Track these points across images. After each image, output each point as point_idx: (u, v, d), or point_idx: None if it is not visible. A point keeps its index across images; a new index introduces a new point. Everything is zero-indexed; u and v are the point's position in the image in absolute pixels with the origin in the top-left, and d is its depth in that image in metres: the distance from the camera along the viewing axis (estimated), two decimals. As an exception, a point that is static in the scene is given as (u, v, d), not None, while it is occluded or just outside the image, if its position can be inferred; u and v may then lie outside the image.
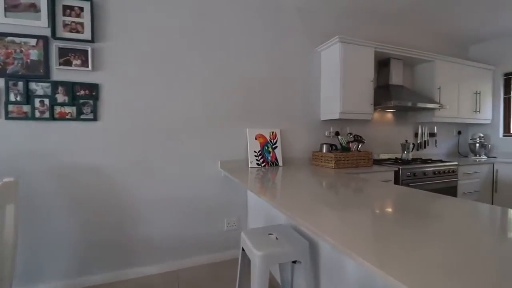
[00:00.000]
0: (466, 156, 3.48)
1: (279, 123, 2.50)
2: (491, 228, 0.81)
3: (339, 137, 2.55)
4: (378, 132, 3.03)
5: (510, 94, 3.40)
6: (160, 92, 2.08)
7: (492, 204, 2.99)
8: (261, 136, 2.39)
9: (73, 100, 1.83)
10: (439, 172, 2.58)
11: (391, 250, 0.64)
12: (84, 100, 1.86)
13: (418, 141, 3.28)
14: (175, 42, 2.12)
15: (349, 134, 2.62)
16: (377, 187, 1.44)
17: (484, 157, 3.28)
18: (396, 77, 2.86)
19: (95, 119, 1.90)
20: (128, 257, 2.01)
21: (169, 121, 2.11)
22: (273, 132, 2.43)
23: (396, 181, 2.37)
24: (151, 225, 2.07)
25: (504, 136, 3.42)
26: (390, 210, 1.00)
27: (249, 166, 2.30)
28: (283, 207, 1.04)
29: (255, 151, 2.34)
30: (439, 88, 2.96)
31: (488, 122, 3.45)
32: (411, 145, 2.81)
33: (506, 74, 3.39)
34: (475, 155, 3.40)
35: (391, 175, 2.36)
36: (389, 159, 2.89)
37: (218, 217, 2.28)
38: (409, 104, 2.56)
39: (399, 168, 2.37)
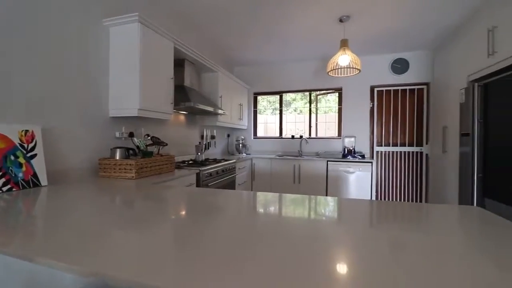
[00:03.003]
0: (233, 154, 4.32)
1: (40, 117, 1.57)
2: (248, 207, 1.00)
3: (135, 139, 2.09)
4: (174, 133, 2.90)
5: (257, 108, 4.69)
6: None
7: (252, 189, 3.94)
8: (1, 138, 1.35)
9: None
10: (226, 170, 2.93)
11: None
12: None
13: (204, 142, 3.57)
14: None
15: (146, 136, 2.23)
16: (184, 194, 1.29)
17: (244, 155, 4.25)
18: (190, 79, 2.89)
19: None
20: None
21: None
22: (27, 131, 1.47)
23: (198, 183, 2.35)
24: None
25: (254, 138, 4.65)
26: (204, 217, 0.86)
27: (-30, 194, 1.20)
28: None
29: (-16, 165, 1.26)
30: (221, 97, 3.39)
31: (245, 127, 4.52)
32: (203, 147, 2.97)
33: (255, 93, 4.64)
34: (239, 153, 4.31)
35: (193, 178, 2.30)
36: (185, 162, 2.84)
37: None
38: (209, 108, 2.66)
39: (200, 170, 2.37)
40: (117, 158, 1.88)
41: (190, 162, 2.81)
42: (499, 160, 2.13)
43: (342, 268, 0.58)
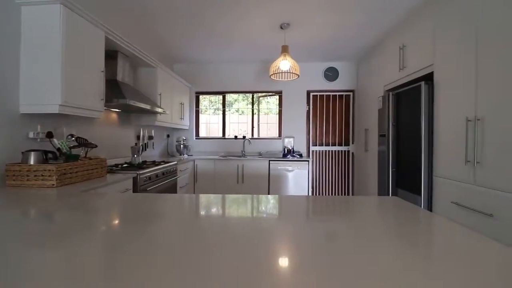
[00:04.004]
0: (174, 156, 4.10)
1: None
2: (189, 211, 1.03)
3: (55, 140, 1.78)
4: (104, 134, 2.58)
5: (199, 107, 4.55)
6: None
7: (194, 192, 3.81)
8: None
9: None
10: (166, 173, 2.76)
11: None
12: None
13: (140, 143, 3.28)
14: None
15: (70, 136, 1.93)
16: (118, 201, 1.19)
17: (186, 156, 4.08)
18: (124, 74, 2.62)
19: None
20: None
21: None
22: None
23: (135, 188, 2.15)
24: None
25: (196, 139, 4.51)
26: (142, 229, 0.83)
27: None
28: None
29: None
30: (160, 94, 3.18)
31: (187, 127, 4.34)
32: (141, 148, 2.73)
33: (197, 92, 4.49)
34: (181, 155, 4.12)
35: (129, 183, 2.09)
36: (118, 165, 2.56)
37: None
38: (147, 106, 2.45)
39: (137, 174, 2.17)
40: (32, 163, 1.57)
41: (125, 165, 2.55)
42: (407, 156, 2.58)
43: (283, 261, 0.62)
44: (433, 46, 2.26)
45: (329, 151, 4.34)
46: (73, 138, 1.94)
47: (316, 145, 4.35)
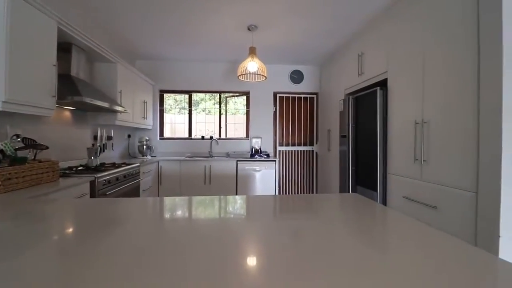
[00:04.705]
0: (135, 157, 3.89)
1: None
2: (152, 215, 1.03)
3: (-3, 141, 1.58)
4: (56, 134, 2.35)
5: (163, 106, 4.38)
6: None
7: (158, 195, 3.66)
8: None
9: None
10: (128, 175, 2.61)
11: None
12: None
13: (98, 144, 3.06)
14: None
15: (15, 137, 1.73)
16: (73, 207, 1.11)
17: (149, 157, 3.90)
18: (79, 69, 2.41)
19: None
20: None
21: None
22: None
23: (93, 193, 2.00)
24: None
25: (160, 139, 4.32)
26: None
27: None
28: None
29: None
30: (120, 92, 2.99)
31: (150, 127, 4.15)
32: (99, 150, 2.54)
33: (161, 91, 4.31)
34: (143, 156, 3.92)
35: (86, 188, 1.93)
36: (72, 168, 2.35)
37: None
38: (106, 105, 2.29)
39: (95, 178, 2.01)
40: (-35, 167, 1.37)
41: (80, 168, 2.35)
42: (365, 156, 2.78)
43: (251, 261, 0.64)
44: (387, 56, 2.48)
45: (295, 151, 4.49)
46: (19, 139, 1.74)
47: (282, 145, 4.47)
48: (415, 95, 2.08)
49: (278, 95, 4.43)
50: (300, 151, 4.50)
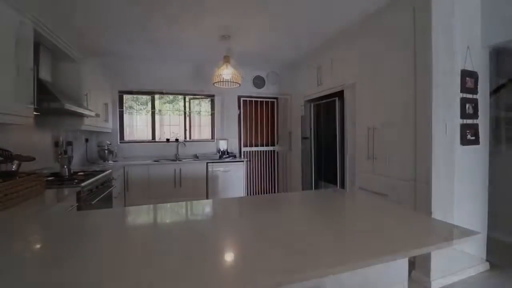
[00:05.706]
0: (94, 163, 3.63)
1: None
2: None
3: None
4: (15, 140, 2.13)
5: (123, 108, 4.16)
6: None
7: (125, 202, 3.52)
8: None
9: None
10: (104, 183, 2.51)
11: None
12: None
13: (59, 151, 2.81)
14: None
15: (-10, 148, 1.57)
16: (63, 225, 1.11)
17: (111, 162, 3.69)
18: (46, 71, 2.23)
19: None
20: None
21: None
22: None
23: (80, 204, 1.91)
24: None
25: (121, 143, 4.10)
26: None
27: None
28: None
29: None
30: (87, 94, 2.81)
31: (110, 130, 3.91)
32: (71, 156, 2.38)
33: (120, 92, 4.08)
34: (104, 161, 3.68)
35: (73, 199, 1.85)
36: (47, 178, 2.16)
37: None
38: (80, 110, 2.17)
39: (81, 188, 1.94)
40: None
41: (51, 178, 2.18)
42: (326, 155, 3.26)
43: (221, 260, 0.79)
44: (342, 72, 2.97)
45: (258, 151, 4.80)
46: (-6, 151, 1.59)
47: (247, 146, 4.73)
48: (368, 106, 2.59)
49: (242, 99, 4.67)
50: (263, 151, 4.83)
